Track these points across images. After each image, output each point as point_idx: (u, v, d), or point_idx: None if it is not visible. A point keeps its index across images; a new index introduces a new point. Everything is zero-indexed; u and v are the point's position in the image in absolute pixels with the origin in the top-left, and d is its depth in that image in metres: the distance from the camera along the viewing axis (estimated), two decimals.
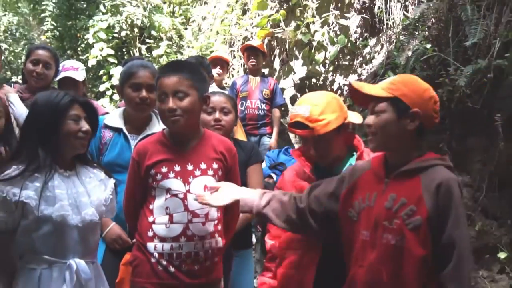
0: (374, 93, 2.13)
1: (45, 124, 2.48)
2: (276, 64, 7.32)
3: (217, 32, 8.40)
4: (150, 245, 2.53)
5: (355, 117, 2.66)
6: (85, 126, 2.49)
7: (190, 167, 2.59)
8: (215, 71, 6.13)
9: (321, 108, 2.47)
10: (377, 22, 5.72)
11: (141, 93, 3.12)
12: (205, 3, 9.51)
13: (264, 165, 4.80)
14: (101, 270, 2.65)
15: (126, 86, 3.18)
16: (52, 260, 2.39)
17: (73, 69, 4.45)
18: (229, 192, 2.41)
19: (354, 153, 2.63)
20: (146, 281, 2.53)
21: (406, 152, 2.13)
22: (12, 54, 13.66)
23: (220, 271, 2.68)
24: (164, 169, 2.57)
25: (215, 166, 2.63)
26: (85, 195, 2.52)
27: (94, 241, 2.56)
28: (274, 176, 4.73)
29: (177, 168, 2.58)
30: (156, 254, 2.52)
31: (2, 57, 4.13)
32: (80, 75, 4.46)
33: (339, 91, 6.32)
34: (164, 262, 2.51)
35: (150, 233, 2.55)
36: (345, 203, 2.24)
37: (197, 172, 2.58)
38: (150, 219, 2.57)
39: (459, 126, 4.13)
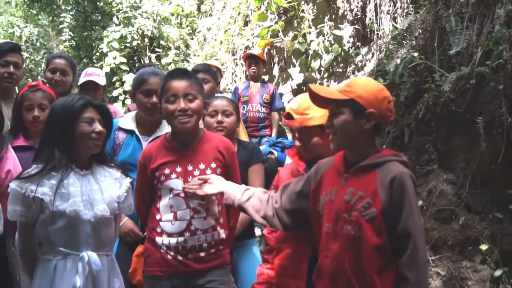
0: (331, 96, 2.11)
1: (60, 126, 2.49)
2: (275, 71, 7.33)
3: (221, 42, 8.41)
4: (159, 239, 2.55)
5: None
6: (98, 127, 2.48)
7: (190, 168, 2.59)
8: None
9: (309, 104, 2.44)
10: (368, 33, 5.72)
11: (152, 98, 3.11)
12: (210, 15, 9.52)
13: (264, 146, 4.89)
14: (116, 263, 2.63)
15: (138, 92, 3.18)
16: (66, 252, 2.39)
17: (95, 74, 4.48)
18: (216, 184, 2.40)
19: None
20: (157, 270, 2.55)
21: (363, 149, 2.12)
22: (33, 62, 13.69)
23: (227, 256, 2.67)
24: (167, 171, 2.59)
25: (213, 165, 2.62)
26: (99, 192, 2.51)
27: (107, 235, 2.54)
28: (275, 152, 4.81)
29: (179, 169, 2.59)
30: (164, 247, 2.54)
31: (24, 65, 4.13)
32: (101, 80, 4.50)
33: None
34: (172, 253, 2.53)
35: (158, 229, 2.57)
36: (314, 200, 2.23)
37: (196, 172, 2.58)
38: (158, 217, 2.58)
39: (444, 128, 4.12)
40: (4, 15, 16.00)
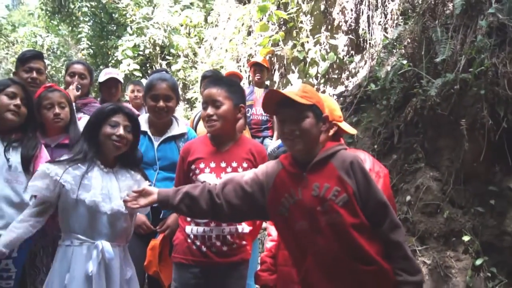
0: (301, 101, 2.06)
1: (92, 126, 2.56)
2: (276, 77, 7.33)
3: (226, 50, 8.41)
4: (188, 228, 2.60)
5: (349, 128, 2.68)
6: (120, 131, 2.50)
7: (223, 165, 2.63)
8: None
9: (304, 90, 2.28)
10: (361, 42, 5.72)
11: (159, 103, 3.11)
12: (216, 25, 9.52)
13: (278, 142, 4.91)
14: (128, 254, 2.65)
15: (147, 96, 3.19)
16: (83, 239, 2.42)
17: (114, 73, 4.53)
18: (148, 195, 2.28)
19: None
20: (182, 257, 2.59)
21: (314, 149, 2.12)
22: (54, 69, 13.72)
23: (247, 253, 2.67)
24: (201, 165, 2.63)
25: (245, 165, 2.65)
26: (117, 189, 2.54)
27: (121, 228, 2.55)
28: None
29: (213, 164, 2.62)
30: (192, 236, 2.58)
31: (46, 71, 4.17)
32: (120, 77, 4.56)
33: None
34: (198, 243, 2.56)
35: (187, 219, 2.61)
36: (273, 207, 2.16)
37: (229, 169, 2.62)
38: None
39: (431, 129, 4.13)
40: (28, 26, 16.07)
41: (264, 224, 4.43)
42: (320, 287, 2.04)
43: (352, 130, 2.71)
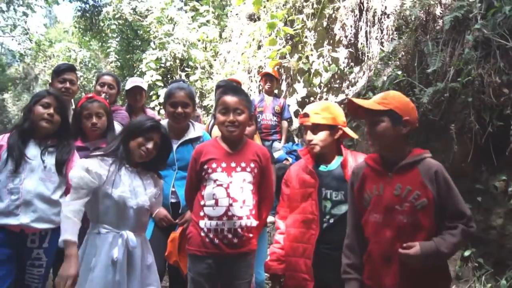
0: (373, 107, 2.11)
1: (131, 133, 2.59)
2: (283, 86, 7.33)
3: (238, 62, 8.43)
4: (201, 222, 2.58)
5: (351, 132, 2.71)
6: (149, 146, 2.56)
7: (233, 164, 2.63)
8: None
9: (324, 106, 2.60)
10: (360, 55, 5.70)
11: (177, 109, 3.12)
12: (229, 40, 9.54)
13: (282, 152, 4.88)
14: (148, 242, 2.68)
15: (167, 103, 3.20)
16: (109, 229, 2.45)
17: (139, 81, 4.54)
18: None
19: (341, 156, 2.63)
20: (197, 249, 2.58)
21: (400, 150, 2.14)
22: (86, 79, 13.86)
23: (254, 244, 2.67)
24: (213, 165, 2.62)
25: (252, 165, 2.65)
26: (142, 187, 2.58)
27: (143, 221, 2.62)
28: (290, 159, 4.84)
29: (224, 164, 2.62)
30: (205, 229, 2.56)
31: (78, 82, 4.20)
32: (144, 85, 4.56)
33: None
34: (211, 235, 2.55)
35: (201, 213, 2.60)
36: (358, 196, 2.24)
37: (238, 169, 2.62)
38: (202, 202, 2.61)
39: (423, 133, 4.10)
40: (63, 42, 16.25)
41: (272, 218, 4.43)
42: (379, 270, 2.09)
43: (353, 134, 2.73)
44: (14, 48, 17.55)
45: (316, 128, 2.57)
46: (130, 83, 4.49)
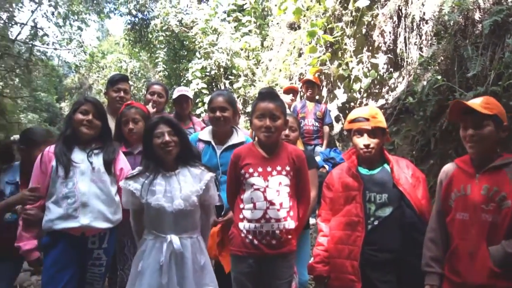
0: (484, 111, 2.13)
1: (145, 143, 2.68)
2: (324, 92, 7.34)
3: (280, 70, 8.48)
4: (241, 224, 2.62)
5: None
6: (165, 138, 2.60)
7: (269, 169, 2.63)
8: (289, 97, 6.28)
9: (377, 111, 2.61)
10: (399, 60, 5.65)
11: (216, 114, 3.19)
12: (271, 49, 9.62)
13: (319, 158, 4.88)
14: (202, 243, 2.70)
15: (208, 109, 3.29)
16: (156, 234, 2.54)
17: (185, 90, 4.63)
18: None
19: (386, 163, 2.63)
20: (238, 250, 2.62)
21: (493, 154, 2.18)
22: (136, 88, 14.20)
23: (293, 245, 2.65)
24: (250, 170, 2.64)
25: (288, 168, 2.65)
26: (178, 190, 2.60)
27: (187, 223, 2.62)
28: (327, 167, 4.81)
29: (260, 169, 2.63)
30: (244, 231, 2.60)
31: (130, 91, 4.35)
32: (190, 94, 4.63)
33: None
34: (250, 237, 2.58)
35: (241, 216, 2.64)
36: (445, 195, 2.29)
37: (274, 173, 2.63)
38: (241, 206, 2.65)
39: None
40: (114, 53, 16.81)
41: (313, 220, 4.44)
42: (463, 266, 2.13)
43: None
44: (70, 60, 18.39)
45: (373, 132, 2.57)
46: (177, 92, 4.61)
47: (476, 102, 2.20)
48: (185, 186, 2.62)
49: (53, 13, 11.02)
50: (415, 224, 2.45)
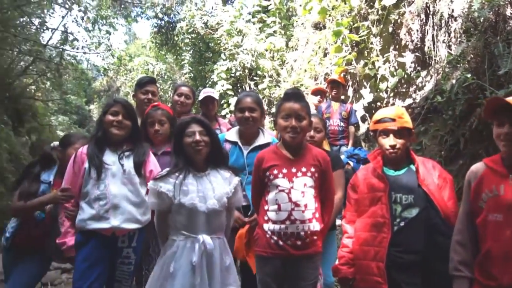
0: None
1: (176, 142, 2.69)
2: (350, 92, 7.27)
3: (305, 70, 8.45)
4: (266, 226, 2.62)
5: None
6: (196, 138, 2.61)
7: (294, 170, 2.63)
8: (316, 99, 6.25)
9: (403, 111, 2.58)
10: (427, 59, 5.55)
11: (245, 114, 3.19)
12: (296, 49, 9.60)
13: (343, 156, 4.84)
14: (227, 244, 2.71)
15: (236, 109, 3.30)
16: (187, 235, 2.53)
17: (211, 92, 4.69)
18: None
19: (412, 163, 2.59)
20: (263, 250, 2.62)
21: None
22: (162, 90, 14.37)
23: (319, 246, 2.65)
24: (275, 171, 2.63)
25: (312, 170, 2.64)
26: (211, 190, 2.61)
27: (218, 223, 2.64)
28: (351, 163, 4.78)
29: (285, 170, 2.62)
30: (269, 232, 2.59)
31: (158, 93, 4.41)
32: (215, 95, 4.68)
33: None
34: (275, 238, 2.57)
35: (265, 217, 2.64)
36: (475, 196, 2.22)
37: (299, 174, 2.62)
38: (266, 207, 2.65)
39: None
40: (141, 56, 17.09)
41: (339, 222, 4.40)
42: (498, 269, 2.07)
43: None
44: (99, 63, 18.78)
45: (399, 132, 2.54)
46: (203, 93, 4.66)
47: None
48: (217, 187, 2.64)
49: (82, 18, 11.27)
50: (437, 225, 2.40)
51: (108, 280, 2.90)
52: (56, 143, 3.56)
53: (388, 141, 2.55)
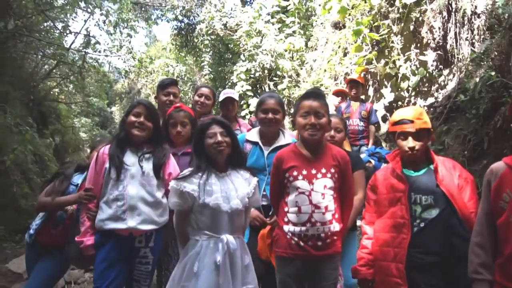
0: None
1: (197, 143, 2.70)
2: (370, 91, 7.21)
3: (325, 70, 8.41)
4: (286, 227, 2.60)
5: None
6: (218, 138, 2.61)
7: (313, 171, 2.60)
8: (337, 99, 6.24)
9: (421, 111, 2.53)
10: (449, 57, 5.47)
11: (268, 115, 3.19)
12: (315, 49, 9.56)
13: (364, 154, 4.80)
14: (245, 243, 2.72)
15: (259, 110, 3.28)
16: (210, 235, 2.53)
17: (231, 93, 4.67)
18: None
19: (431, 164, 2.54)
20: (283, 251, 2.60)
21: None
22: (182, 92, 14.50)
23: (338, 246, 2.62)
24: (295, 173, 2.61)
25: (332, 170, 2.62)
26: (233, 190, 2.61)
27: (239, 223, 2.64)
28: (373, 161, 4.73)
29: (304, 172, 2.60)
30: (290, 234, 2.58)
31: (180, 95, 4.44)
32: (235, 96, 4.66)
33: None
34: (296, 239, 2.56)
35: (285, 219, 2.61)
36: (495, 196, 2.16)
37: (319, 175, 2.59)
38: (286, 209, 2.62)
39: None
40: (162, 58, 17.27)
41: (359, 223, 4.35)
42: None
43: None
44: (120, 66, 18.95)
45: (418, 134, 2.50)
46: (223, 94, 4.67)
47: None
48: (239, 187, 2.65)
49: (104, 22, 11.40)
50: (453, 227, 2.36)
51: (127, 280, 2.94)
52: None
53: (406, 143, 2.52)
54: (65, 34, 10.75)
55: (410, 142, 2.50)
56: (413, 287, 2.37)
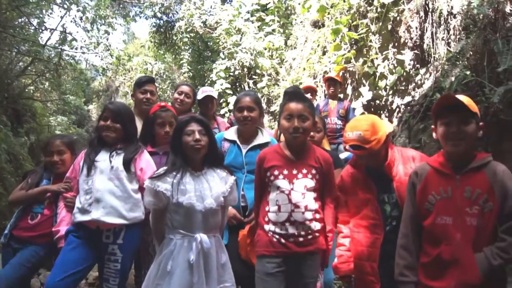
0: (473, 109, 2.07)
1: (174, 140, 2.71)
2: (349, 90, 7.26)
3: (304, 69, 8.44)
4: (266, 227, 2.62)
5: (389, 127, 2.61)
6: (196, 136, 2.62)
7: (294, 171, 2.62)
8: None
9: (370, 132, 2.42)
10: (426, 56, 5.55)
11: (243, 113, 3.20)
12: (295, 47, 9.59)
13: (345, 155, 4.81)
14: (222, 242, 2.74)
15: (235, 109, 3.30)
16: (184, 233, 2.54)
17: (210, 91, 4.64)
18: None
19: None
20: (265, 249, 2.60)
21: (471, 153, 2.11)
22: (161, 90, 14.36)
23: (321, 243, 2.62)
24: (276, 172, 2.62)
25: (313, 171, 2.64)
26: (208, 189, 2.62)
27: (214, 222, 2.65)
28: None
29: (285, 172, 2.62)
30: (270, 233, 2.59)
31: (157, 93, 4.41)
32: (214, 94, 4.65)
33: (397, 110, 6.18)
34: (277, 236, 2.57)
35: (266, 218, 2.63)
36: (421, 198, 2.19)
37: (300, 176, 2.61)
38: (267, 208, 2.64)
39: (494, 134, 3.92)
40: (140, 56, 17.06)
41: None
42: (447, 272, 2.06)
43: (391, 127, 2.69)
44: (97, 63, 18.65)
45: (375, 152, 2.47)
46: (202, 92, 4.63)
47: (463, 98, 2.10)
48: (214, 186, 2.65)
49: (81, 18, 11.17)
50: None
51: (100, 278, 3.00)
52: None
53: (361, 160, 2.56)
54: (40, 30, 10.52)
55: (367, 161, 2.54)
56: (384, 281, 2.41)
